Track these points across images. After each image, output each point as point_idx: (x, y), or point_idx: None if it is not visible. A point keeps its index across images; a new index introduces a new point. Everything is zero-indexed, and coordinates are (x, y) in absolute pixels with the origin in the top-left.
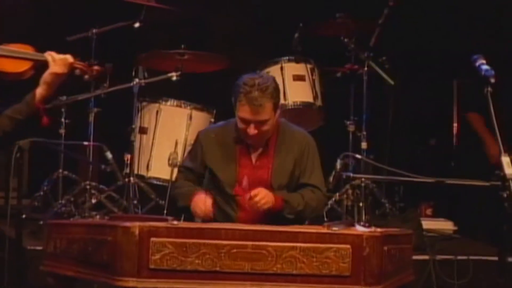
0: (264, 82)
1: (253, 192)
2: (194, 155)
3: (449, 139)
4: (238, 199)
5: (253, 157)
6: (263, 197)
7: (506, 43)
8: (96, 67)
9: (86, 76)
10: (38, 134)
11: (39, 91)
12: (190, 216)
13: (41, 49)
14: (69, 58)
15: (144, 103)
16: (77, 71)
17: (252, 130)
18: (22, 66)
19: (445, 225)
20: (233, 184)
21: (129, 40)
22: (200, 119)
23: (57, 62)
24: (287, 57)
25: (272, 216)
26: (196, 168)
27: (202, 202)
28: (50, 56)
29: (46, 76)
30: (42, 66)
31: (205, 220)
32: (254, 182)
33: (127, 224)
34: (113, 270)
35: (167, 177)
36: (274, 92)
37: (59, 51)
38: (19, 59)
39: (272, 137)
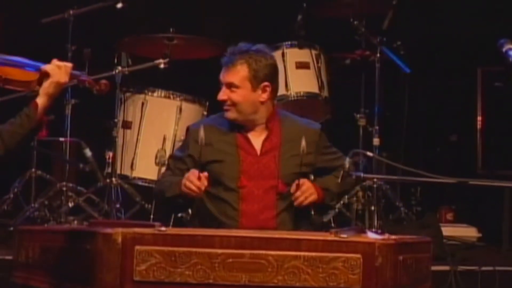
0: (249, 47)
1: (301, 181)
2: (184, 149)
3: (472, 134)
4: (242, 191)
5: (256, 144)
6: (309, 187)
7: None
8: (104, 81)
9: (94, 91)
10: None
11: (42, 102)
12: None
13: (15, 34)
14: (69, 65)
15: (128, 94)
16: (86, 85)
17: (221, 93)
18: (30, 77)
19: (468, 232)
20: (236, 176)
21: (110, 23)
22: (191, 112)
23: (57, 71)
24: (289, 42)
25: (280, 206)
26: (186, 163)
27: (195, 175)
28: (49, 66)
29: (48, 86)
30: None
31: (196, 194)
32: (259, 170)
33: (109, 230)
34: (93, 282)
35: (154, 177)
36: (256, 61)
37: (34, 35)
38: (22, 68)
39: (273, 122)
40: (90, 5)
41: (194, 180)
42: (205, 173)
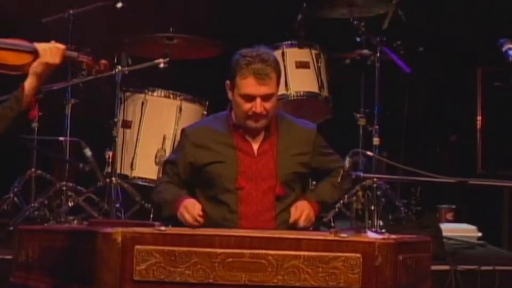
0: (265, 52)
1: (295, 214)
2: (180, 152)
3: (472, 134)
4: (240, 193)
5: (254, 144)
6: (307, 214)
7: None
8: (103, 61)
9: (93, 72)
10: None
11: (29, 82)
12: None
13: (15, 34)
14: (60, 46)
15: (128, 94)
16: (83, 66)
17: (259, 107)
18: (23, 60)
19: (468, 232)
20: (234, 177)
21: (110, 22)
22: (191, 111)
23: (48, 51)
24: (289, 42)
25: (279, 207)
26: (181, 166)
27: (192, 206)
28: (40, 46)
29: (36, 66)
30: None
31: (193, 226)
32: (257, 171)
33: (108, 230)
34: (93, 282)
35: (153, 177)
36: (277, 63)
37: (34, 34)
38: (13, 51)
39: (271, 122)
40: (90, 5)
41: (191, 212)
42: (200, 206)
